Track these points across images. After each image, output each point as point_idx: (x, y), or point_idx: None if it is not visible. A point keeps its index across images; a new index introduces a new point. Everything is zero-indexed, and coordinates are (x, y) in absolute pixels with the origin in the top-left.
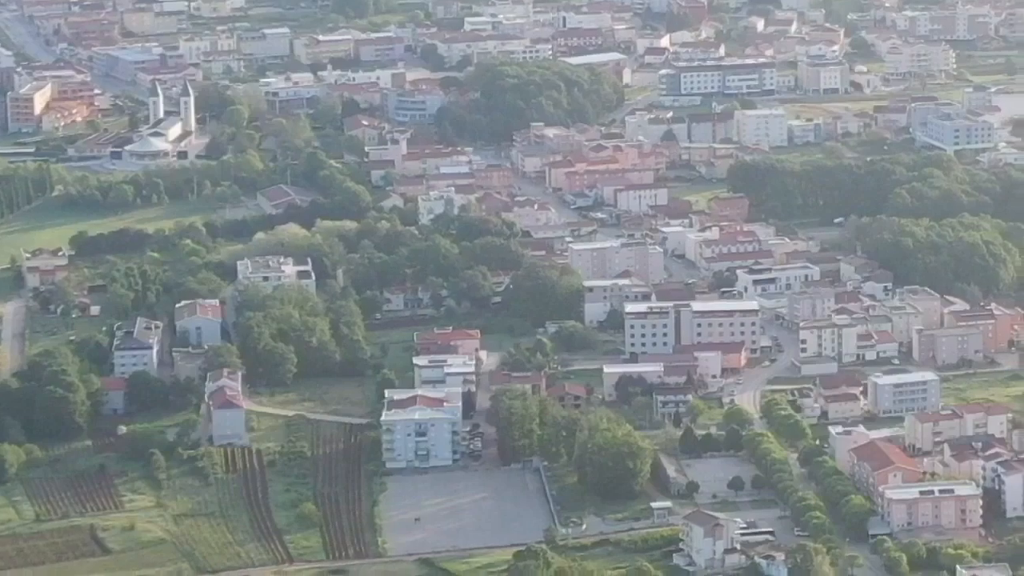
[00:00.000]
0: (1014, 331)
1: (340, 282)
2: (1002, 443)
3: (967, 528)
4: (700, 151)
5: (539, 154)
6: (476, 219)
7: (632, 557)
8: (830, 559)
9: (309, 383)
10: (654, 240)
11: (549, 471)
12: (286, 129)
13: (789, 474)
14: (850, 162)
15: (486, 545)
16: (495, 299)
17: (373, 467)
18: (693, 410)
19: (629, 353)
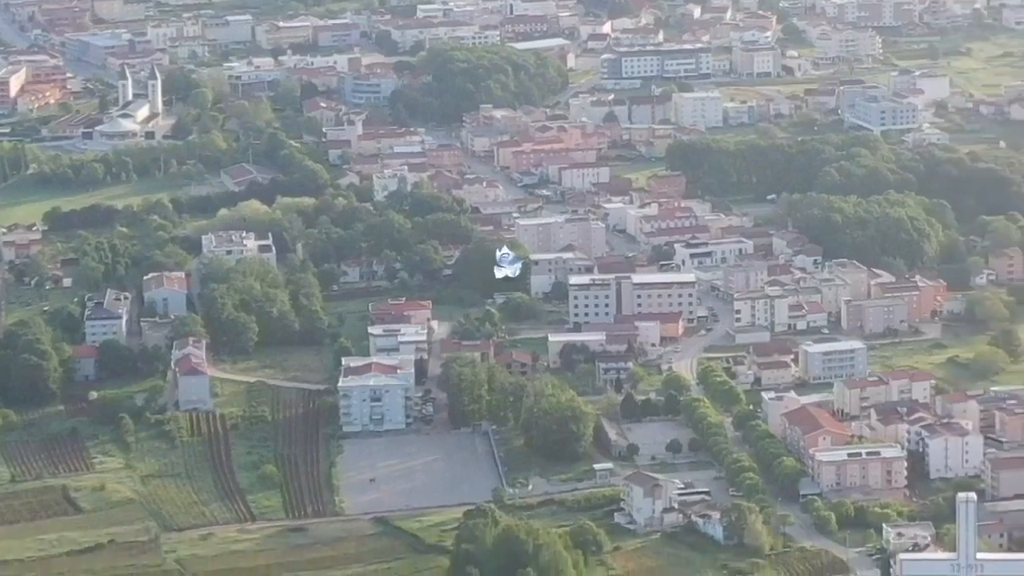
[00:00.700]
0: (937, 302)
1: (299, 255)
2: (926, 408)
3: (892, 488)
4: (640, 132)
5: (488, 135)
6: (428, 196)
7: (576, 516)
8: (763, 518)
9: (270, 351)
10: (596, 216)
11: (497, 434)
12: (248, 111)
13: (724, 437)
14: (782, 142)
15: (437, 504)
16: (446, 272)
17: (330, 431)
18: (633, 377)
19: (573, 323)
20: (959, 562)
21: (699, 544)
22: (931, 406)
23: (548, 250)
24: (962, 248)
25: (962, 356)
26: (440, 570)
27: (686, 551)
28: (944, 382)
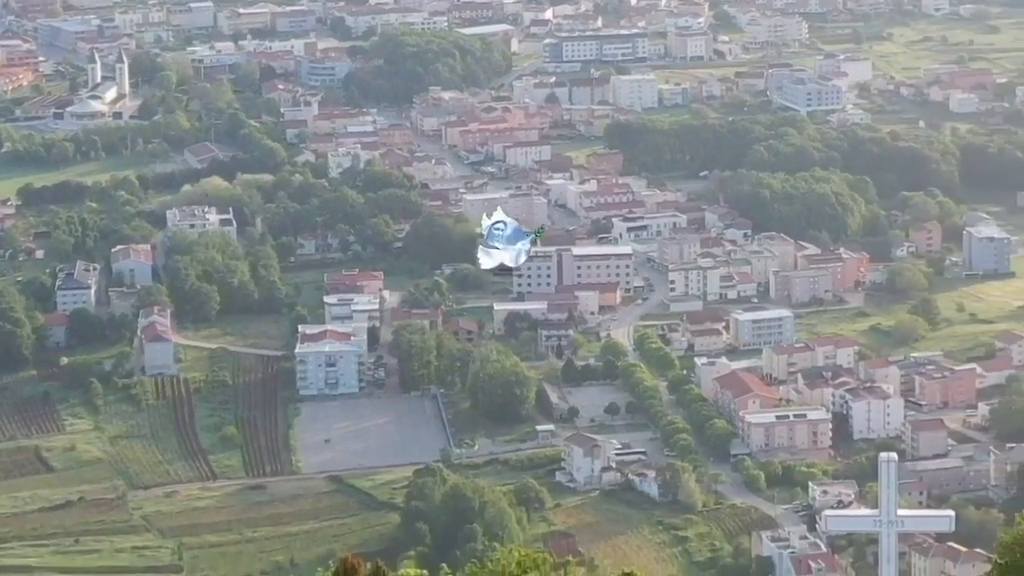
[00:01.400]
0: (860, 273)
1: (258, 229)
2: (849, 373)
3: (818, 449)
4: (580, 112)
5: (436, 115)
6: (380, 173)
7: (519, 475)
8: (696, 476)
9: (230, 319)
10: (539, 191)
11: (445, 398)
12: (210, 92)
13: (659, 400)
14: (714, 122)
15: (389, 464)
16: (397, 244)
17: (288, 394)
18: (573, 343)
19: (516, 292)
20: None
21: (636, 501)
22: (854, 371)
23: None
24: (883, 222)
25: (884, 324)
26: (391, 526)
27: (623, 508)
28: (867, 348)
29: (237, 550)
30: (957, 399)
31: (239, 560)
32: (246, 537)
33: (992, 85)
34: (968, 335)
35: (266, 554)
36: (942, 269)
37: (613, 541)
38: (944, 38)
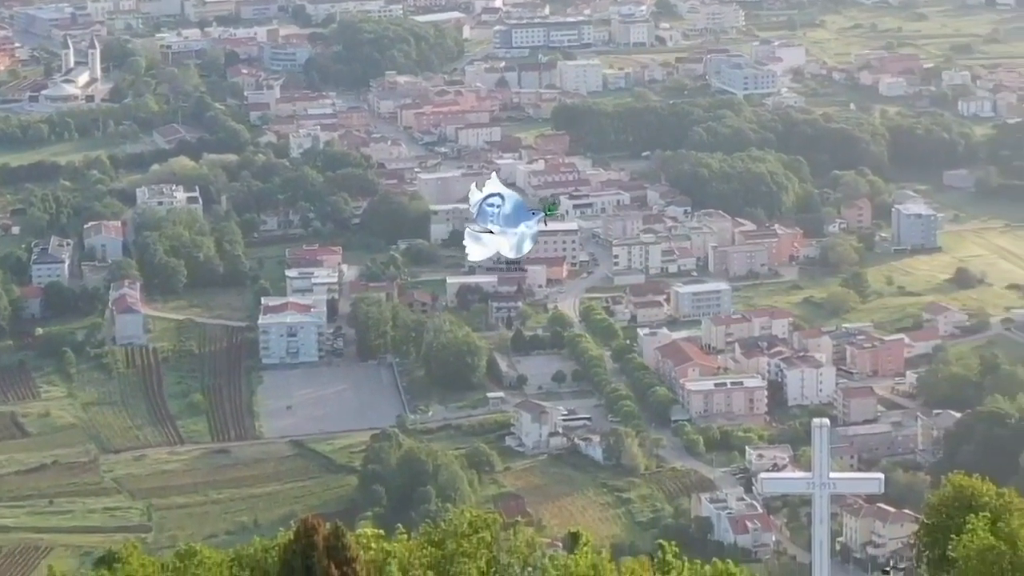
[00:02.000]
0: (794, 248)
1: (223, 206)
2: (784, 343)
3: (754, 415)
4: (528, 95)
5: (392, 98)
6: (338, 153)
7: (471, 439)
8: (638, 441)
9: (197, 292)
10: (489, 170)
11: (400, 366)
12: (177, 77)
13: (604, 369)
14: (655, 105)
15: (347, 429)
16: (354, 221)
17: (251, 363)
18: (522, 315)
19: (468, 266)
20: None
21: (581, 464)
22: (789, 341)
23: (446, 201)
24: (816, 199)
25: (816, 296)
26: (349, 488)
27: (569, 471)
28: (800, 319)
29: (203, 511)
30: (886, 368)
31: (205, 520)
32: (211, 498)
33: (919, 70)
34: (896, 307)
35: (230, 515)
36: (872, 244)
37: (560, 502)
38: (874, 25)
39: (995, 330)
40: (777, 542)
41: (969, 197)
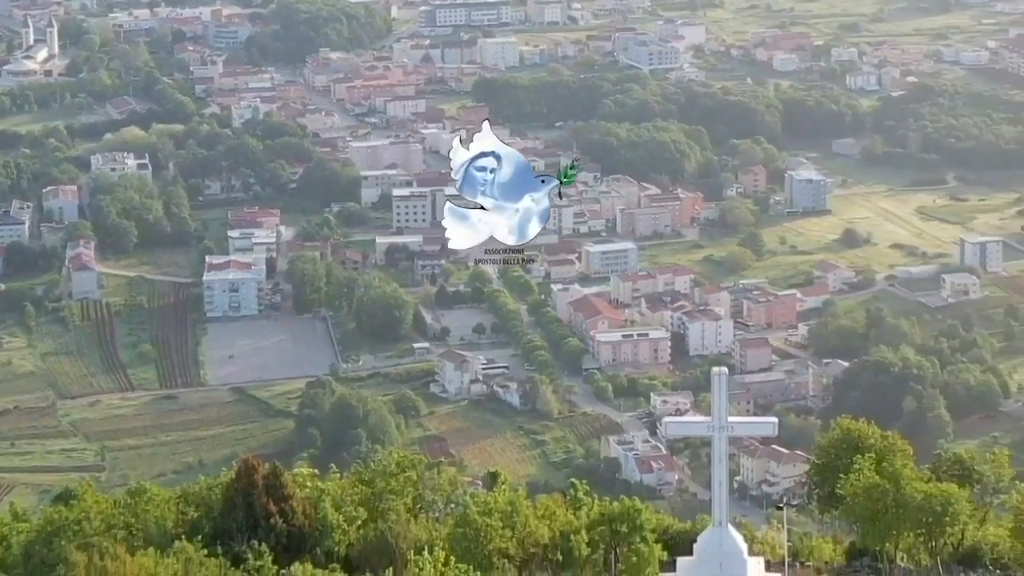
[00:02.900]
0: (695, 210)
1: (171, 172)
2: (686, 298)
3: (658, 364)
4: (451, 70)
5: (326, 73)
6: (276, 123)
7: (398, 386)
8: (552, 388)
9: (147, 251)
10: (415, 139)
11: (333, 319)
12: (129, 53)
13: (520, 322)
14: (567, 79)
15: (284, 377)
16: (291, 185)
17: (196, 316)
18: (445, 272)
19: (396, 227)
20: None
21: (500, 409)
22: (690, 296)
23: (375, 167)
24: (716, 166)
25: (716, 255)
26: (286, 431)
27: (489, 415)
28: (701, 276)
29: (152, 452)
30: (780, 320)
31: (154, 460)
32: (160, 440)
33: (810, 47)
34: (789, 265)
35: (177, 455)
36: (767, 207)
37: (480, 444)
38: (768, 5)
39: (880, 286)
40: (680, 481)
41: (856, 164)
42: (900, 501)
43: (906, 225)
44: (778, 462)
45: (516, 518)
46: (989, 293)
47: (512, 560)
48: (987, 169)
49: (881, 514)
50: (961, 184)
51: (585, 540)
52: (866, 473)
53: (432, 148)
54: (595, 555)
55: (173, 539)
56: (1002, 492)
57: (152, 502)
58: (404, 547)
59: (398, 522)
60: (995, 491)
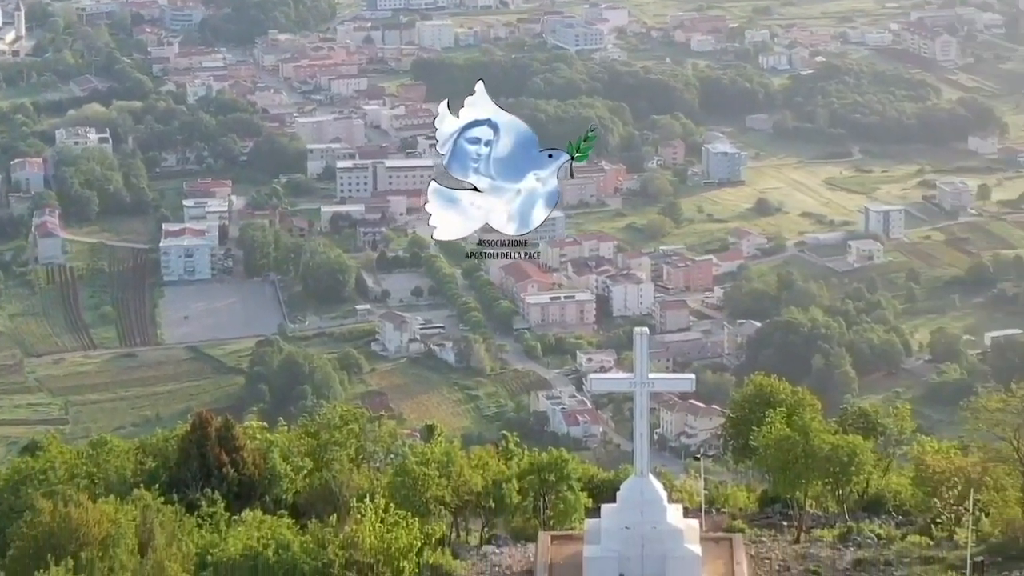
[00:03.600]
0: (618, 181)
1: (130, 146)
2: (610, 263)
3: (584, 324)
4: (391, 51)
5: (274, 53)
6: (228, 100)
7: (341, 345)
8: (485, 346)
9: (108, 218)
10: (357, 115)
11: (281, 282)
12: (91, 35)
13: (455, 285)
14: (499, 59)
15: (236, 336)
16: (242, 158)
17: (154, 279)
18: (386, 238)
19: (340, 197)
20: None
21: (436, 367)
22: (614, 261)
23: (320, 141)
24: (637, 140)
25: (637, 223)
26: (238, 387)
27: (426, 372)
28: (624, 242)
29: (113, 406)
30: (697, 284)
31: (114, 414)
32: (120, 396)
33: (725, 29)
34: (706, 232)
35: (136, 409)
36: (685, 178)
37: (418, 399)
38: None
39: (790, 252)
40: (604, 433)
41: (768, 138)
42: (809, 452)
43: (814, 195)
44: (695, 416)
45: (451, 468)
46: (892, 258)
47: (447, 507)
48: (890, 143)
49: (791, 464)
50: (866, 157)
51: (516, 488)
52: (777, 426)
53: (373, 123)
54: (525, 502)
55: (132, 487)
56: (904, 443)
57: (112, 453)
58: (347, 495)
59: (341, 471)
60: (897, 442)
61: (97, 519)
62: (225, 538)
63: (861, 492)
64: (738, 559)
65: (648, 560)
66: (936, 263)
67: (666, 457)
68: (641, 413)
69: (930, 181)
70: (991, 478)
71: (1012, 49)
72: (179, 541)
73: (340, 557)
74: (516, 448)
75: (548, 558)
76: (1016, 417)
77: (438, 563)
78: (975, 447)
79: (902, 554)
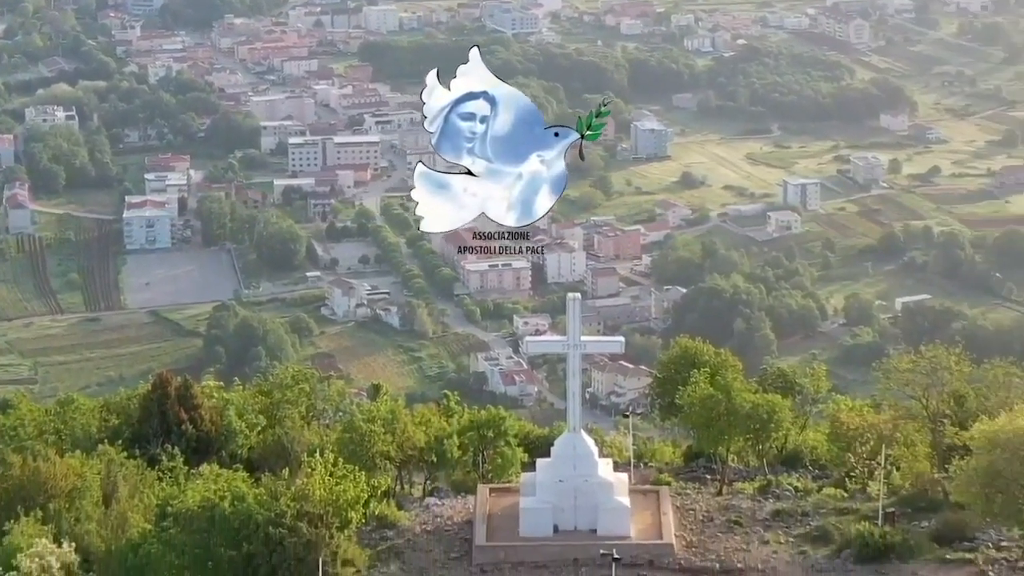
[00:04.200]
0: None
1: (95, 123)
2: (544, 232)
3: (520, 290)
4: (339, 34)
5: (230, 36)
6: (187, 80)
7: (293, 310)
8: (427, 311)
9: (74, 191)
10: (308, 94)
11: (237, 251)
12: (58, 19)
13: (400, 253)
14: (441, 41)
15: (194, 301)
16: (200, 134)
17: (117, 248)
18: (335, 210)
19: (291, 171)
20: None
21: (382, 330)
22: (548, 231)
23: (273, 119)
24: (570, 118)
25: (570, 195)
26: (196, 349)
27: (372, 335)
28: (557, 213)
29: (79, 367)
30: (626, 252)
31: (80, 374)
32: (85, 357)
33: (652, 13)
34: (634, 203)
35: (100, 370)
36: (615, 153)
37: (365, 360)
38: None
39: (713, 222)
40: (539, 392)
41: (693, 116)
42: (731, 410)
43: (736, 169)
44: (624, 376)
45: (396, 424)
46: (808, 229)
47: (392, 461)
48: (807, 120)
49: (714, 421)
50: (784, 133)
51: (456, 444)
52: (701, 385)
53: (322, 102)
54: (465, 457)
55: (97, 443)
56: (820, 402)
57: (79, 411)
58: (298, 450)
59: (293, 428)
60: (814, 401)
61: (64, 473)
62: (184, 490)
63: (780, 447)
64: (664, 510)
65: (580, 511)
66: (850, 233)
67: (597, 415)
68: (574, 373)
69: (844, 156)
70: (902, 434)
71: (921, 32)
72: (141, 493)
73: (292, 508)
74: (456, 406)
75: (486, 509)
76: (925, 377)
77: (383, 514)
78: (887, 405)
79: (818, 505)
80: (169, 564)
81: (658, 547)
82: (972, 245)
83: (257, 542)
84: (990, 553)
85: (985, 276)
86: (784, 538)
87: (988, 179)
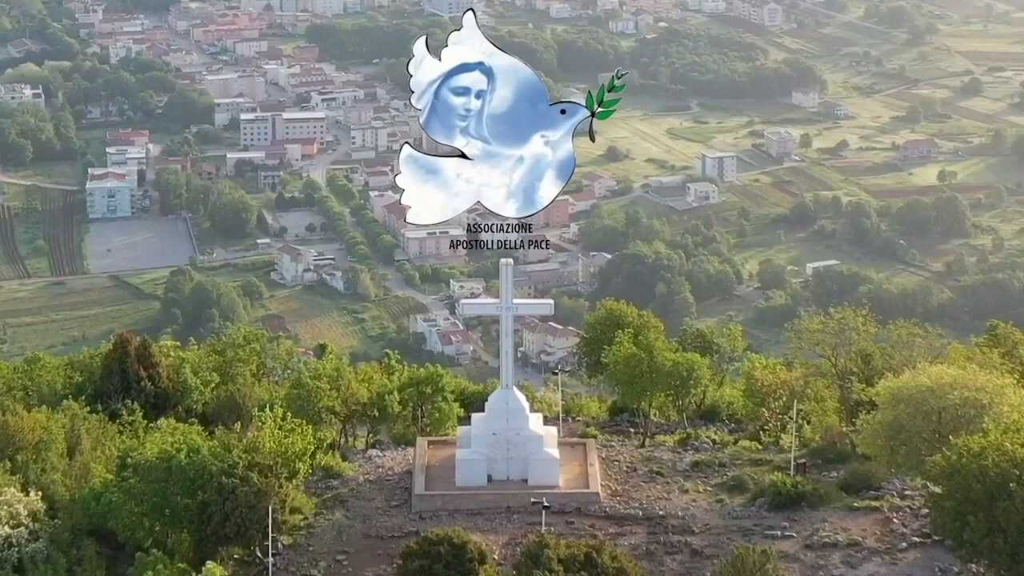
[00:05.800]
0: None
1: (60, 100)
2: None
3: (457, 256)
4: (288, 17)
5: (186, 19)
6: (146, 60)
7: (245, 274)
8: (370, 276)
9: (41, 164)
10: (258, 73)
11: (192, 220)
12: (26, 3)
13: (344, 222)
14: (383, 24)
15: (152, 267)
16: (158, 111)
17: (80, 217)
18: (283, 181)
19: (243, 145)
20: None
21: (328, 293)
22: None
23: (226, 96)
24: None
25: None
26: (154, 311)
27: (319, 298)
28: None
29: (45, 327)
30: (555, 220)
31: (46, 335)
32: (51, 319)
33: None
34: None
35: (65, 331)
36: None
37: (312, 321)
38: None
39: (636, 193)
40: (474, 351)
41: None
42: (653, 367)
43: (658, 143)
44: (554, 336)
45: (341, 381)
46: (725, 199)
47: (337, 416)
48: (723, 98)
49: (638, 378)
50: (703, 110)
51: (397, 399)
52: (625, 345)
53: (272, 81)
54: (405, 412)
55: (62, 399)
56: (736, 360)
57: (44, 368)
58: (250, 405)
59: (245, 385)
60: (730, 359)
61: (31, 426)
62: (143, 443)
63: (698, 403)
64: (591, 461)
65: (513, 462)
66: (764, 203)
67: (528, 372)
68: (506, 333)
69: (759, 131)
70: (812, 390)
71: (830, 16)
72: (103, 445)
73: (244, 459)
74: (397, 365)
75: (425, 460)
76: (833, 337)
77: (329, 465)
78: (798, 363)
79: (734, 456)
80: (129, 511)
81: (585, 496)
82: (878, 214)
83: (211, 491)
84: (894, 501)
85: (890, 243)
86: (703, 487)
87: (892, 152)
